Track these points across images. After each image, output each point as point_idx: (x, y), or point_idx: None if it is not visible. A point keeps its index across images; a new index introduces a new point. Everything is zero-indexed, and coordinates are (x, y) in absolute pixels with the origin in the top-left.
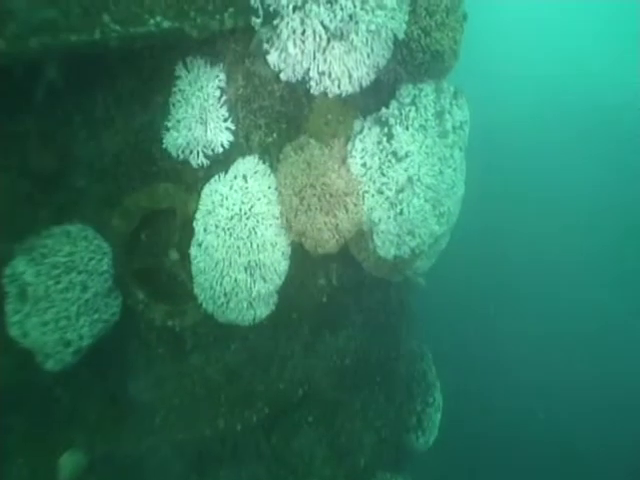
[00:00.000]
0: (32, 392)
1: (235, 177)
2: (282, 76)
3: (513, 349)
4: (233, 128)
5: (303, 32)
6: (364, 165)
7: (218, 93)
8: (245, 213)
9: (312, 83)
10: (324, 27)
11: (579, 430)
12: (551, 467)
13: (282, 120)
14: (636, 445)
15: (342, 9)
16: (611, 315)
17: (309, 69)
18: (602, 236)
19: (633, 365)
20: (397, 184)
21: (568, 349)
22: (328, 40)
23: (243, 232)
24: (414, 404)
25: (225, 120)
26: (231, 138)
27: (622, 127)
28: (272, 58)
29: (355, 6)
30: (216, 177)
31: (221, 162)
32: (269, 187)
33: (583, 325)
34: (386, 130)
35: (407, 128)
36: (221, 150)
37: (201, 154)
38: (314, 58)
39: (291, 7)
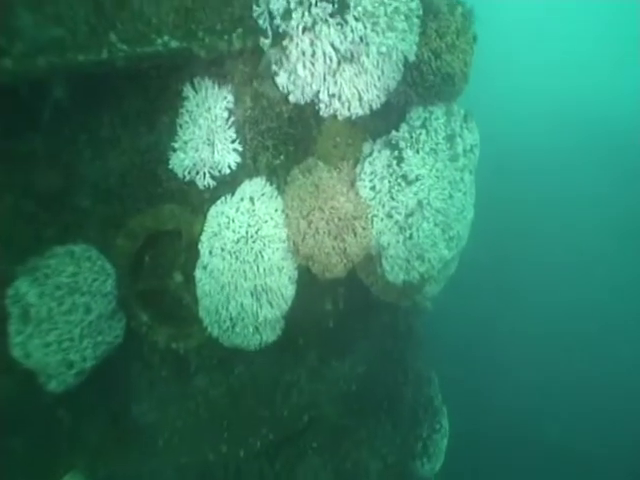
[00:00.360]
0: (34, 413)
1: (242, 199)
2: (291, 98)
3: (513, 349)
4: (240, 149)
5: (313, 54)
6: (373, 188)
7: (226, 114)
8: (252, 236)
9: (322, 105)
10: (334, 49)
11: (579, 430)
12: (551, 467)
13: (290, 142)
14: (636, 446)
15: (352, 31)
16: (611, 315)
17: (319, 91)
18: (602, 237)
19: (633, 365)
20: (407, 208)
21: (568, 349)
22: (338, 62)
23: (249, 255)
24: (420, 430)
25: (232, 141)
26: (238, 159)
27: (624, 132)
28: (281, 80)
29: (366, 28)
30: (222, 199)
31: (228, 184)
32: (276, 210)
33: (583, 325)
34: (396, 153)
35: (418, 151)
36: (228, 171)
37: (208, 175)
38: (324, 80)
39: (300, 28)
